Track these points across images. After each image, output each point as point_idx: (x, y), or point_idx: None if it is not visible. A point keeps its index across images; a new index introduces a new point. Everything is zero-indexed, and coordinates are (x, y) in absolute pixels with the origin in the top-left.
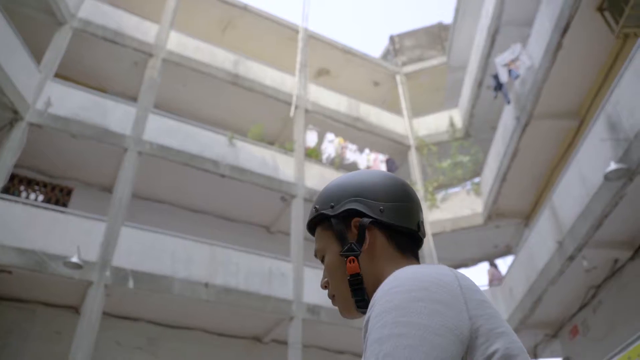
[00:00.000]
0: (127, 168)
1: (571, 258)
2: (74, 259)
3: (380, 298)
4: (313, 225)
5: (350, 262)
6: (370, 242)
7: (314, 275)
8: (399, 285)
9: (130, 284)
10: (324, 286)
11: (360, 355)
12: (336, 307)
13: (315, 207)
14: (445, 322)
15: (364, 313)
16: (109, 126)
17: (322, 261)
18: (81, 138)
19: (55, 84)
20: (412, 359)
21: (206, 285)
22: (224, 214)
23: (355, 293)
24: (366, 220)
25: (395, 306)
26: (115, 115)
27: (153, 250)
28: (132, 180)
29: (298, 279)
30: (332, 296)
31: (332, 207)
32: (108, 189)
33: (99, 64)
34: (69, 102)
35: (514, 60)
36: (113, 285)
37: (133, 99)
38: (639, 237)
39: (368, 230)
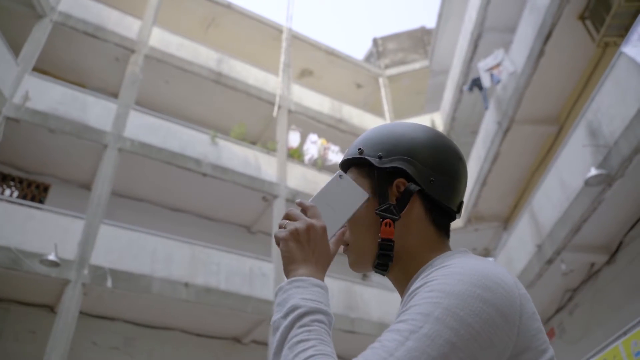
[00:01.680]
0: (106, 165)
1: (550, 261)
2: (51, 257)
3: (442, 277)
4: (348, 164)
5: (386, 225)
6: (408, 210)
7: None
8: (463, 274)
9: (109, 283)
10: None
11: (340, 357)
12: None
13: (359, 149)
14: (494, 337)
15: (379, 273)
16: (88, 122)
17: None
18: (59, 133)
19: (33, 78)
20: (446, 357)
21: (186, 285)
22: (205, 214)
23: (381, 257)
24: (414, 187)
25: (455, 294)
26: (95, 111)
27: (132, 249)
28: (112, 178)
29: (279, 279)
30: (346, 244)
31: (379, 157)
32: (86, 186)
33: (79, 58)
34: (48, 96)
35: (496, 66)
36: (91, 284)
37: (114, 95)
38: (615, 242)
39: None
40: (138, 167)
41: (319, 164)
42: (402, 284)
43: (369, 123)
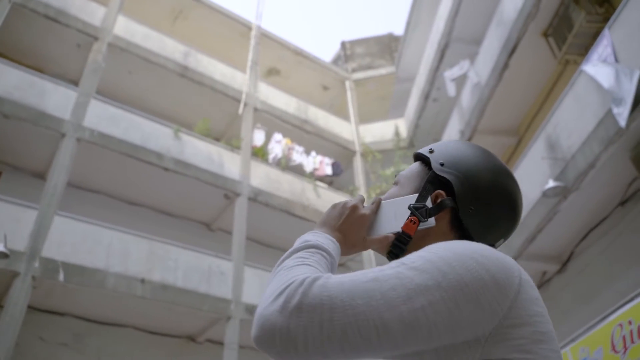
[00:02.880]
0: (63, 154)
1: None
2: (0, 248)
3: (443, 243)
4: (417, 157)
5: (411, 222)
6: (437, 221)
7: (254, 275)
8: (465, 244)
9: (61, 276)
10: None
11: None
12: None
13: (431, 149)
14: (482, 295)
15: (388, 259)
16: (46, 109)
17: (395, 183)
18: (14, 119)
19: None
20: (428, 289)
21: (142, 281)
22: (164, 209)
23: (394, 246)
24: (450, 202)
25: (452, 250)
26: (54, 98)
27: (87, 242)
28: (69, 168)
29: (238, 278)
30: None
31: (441, 164)
32: (41, 175)
33: (38, 42)
34: (3, 80)
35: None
36: (41, 277)
37: (74, 82)
38: (567, 252)
39: (443, 211)
40: (97, 158)
41: (283, 164)
42: None
43: (334, 126)
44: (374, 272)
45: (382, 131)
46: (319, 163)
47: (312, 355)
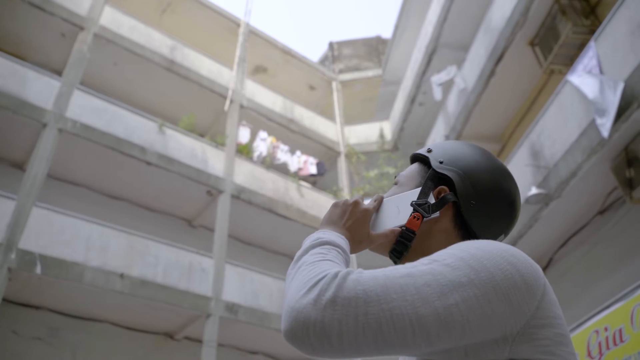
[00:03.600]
0: (44, 145)
1: None
2: None
3: (471, 242)
4: (415, 158)
5: (414, 218)
6: (437, 217)
7: (235, 273)
8: (492, 243)
9: (38, 269)
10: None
11: (273, 357)
12: (255, 307)
13: (429, 149)
14: (512, 295)
15: (392, 260)
16: (27, 98)
17: (395, 184)
18: None
19: None
20: (462, 285)
21: (122, 275)
22: (146, 204)
23: (399, 244)
24: (451, 197)
25: (483, 249)
26: (36, 87)
27: (65, 235)
28: (49, 159)
29: (218, 275)
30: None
31: (440, 162)
32: (20, 166)
33: (21, 30)
34: None
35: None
36: (18, 269)
37: (57, 72)
38: (546, 259)
39: (444, 208)
40: (78, 150)
41: (267, 162)
42: None
43: (320, 126)
44: (406, 267)
45: (367, 133)
46: (303, 162)
47: (346, 350)
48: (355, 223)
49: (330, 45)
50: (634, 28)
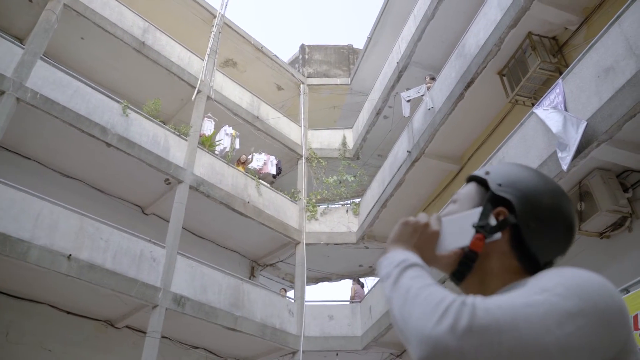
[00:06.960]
0: (0, 113)
1: None
2: None
3: (569, 270)
4: (473, 179)
5: (477, 239)
6: (501, 239)
7: (186, 265)
8: (588, 273)
9: None
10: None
11: (214, 353)
12: (203, 301)
13: (487, 172)
14: (614, 322)
15: (453, 281)
16: None
17: (451, 202)
18: None
19: None
20: (578, 326)
21: (69, 257)
22: (100, 185)
23: (462, 265)
24: (513, 219)
25: (584, 280)
26: None
27: (13, 210)
28: (3, 128)
29: (169, 266)
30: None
31: (499, 185)
32: None
33: None
34: None
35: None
36: None
37: (20, 39)
38: None
39: (506, 229)
40: (35, 122)
41: (228, 157)
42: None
43: (284, 127)
44: (521, 297)
45: (330, 139)
46: (263, 162)
47: None
48: (424, 243)
49: (302, 47)
50: (600, 72)
